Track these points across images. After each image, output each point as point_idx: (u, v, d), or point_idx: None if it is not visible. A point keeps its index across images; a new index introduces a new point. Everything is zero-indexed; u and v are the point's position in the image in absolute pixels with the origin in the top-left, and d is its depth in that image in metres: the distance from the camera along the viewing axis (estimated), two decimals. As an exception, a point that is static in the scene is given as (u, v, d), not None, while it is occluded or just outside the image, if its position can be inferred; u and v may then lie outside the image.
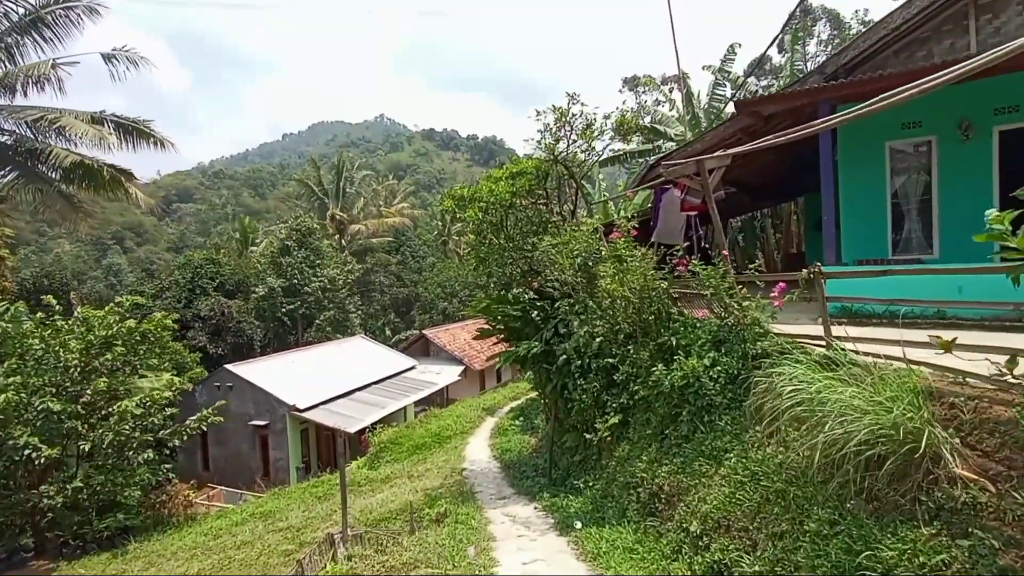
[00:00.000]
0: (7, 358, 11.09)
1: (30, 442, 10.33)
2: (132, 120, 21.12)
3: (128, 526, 11.70)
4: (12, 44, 18.99)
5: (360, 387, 24.91)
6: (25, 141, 19.14)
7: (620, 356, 8.80)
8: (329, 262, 34.69)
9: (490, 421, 18.27)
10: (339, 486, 13.55)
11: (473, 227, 10.02)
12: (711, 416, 6.29)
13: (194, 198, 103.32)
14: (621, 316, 7.60)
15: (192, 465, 23.14)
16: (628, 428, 8.40)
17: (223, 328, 29.76)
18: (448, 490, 11.49)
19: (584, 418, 9.48)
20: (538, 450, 13.69)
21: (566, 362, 9.75)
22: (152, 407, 12.11)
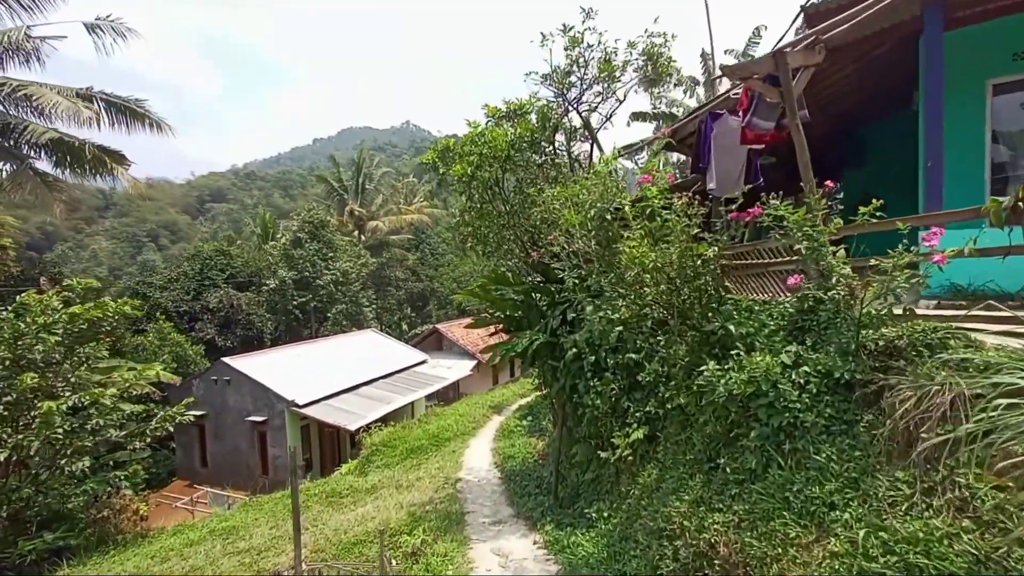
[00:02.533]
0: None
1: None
2: (123, 99, 19.15)
3: (62, 546, 9.62)
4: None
5: (366, 382, 22.81)
6: (1, 116, 17.28)
7: (647, 350, 6.40)
8: (342, 255, 32.72)
9: (496, 420, 15.97)
10: (317, 496, 11.44)
11: (459, 186, 7.69)
12: (797, 442, 3.86)
13: (227, 198, 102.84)
14: (651, 295, 5.19)
15: (190, 461, 21.29)
16: (657, 446, 6.01)
17: (232, 321, 27.95)
18: (435, 508, 9.20)
19: (598, 428, 7.10)
20: (544, 457, 11.32)
21: (576, 357, 7.38)
22: (96, 407, 10.00)
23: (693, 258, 4.81)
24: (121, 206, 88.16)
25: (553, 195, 6.21)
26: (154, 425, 11.34)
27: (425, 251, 48.51)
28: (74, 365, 10.39)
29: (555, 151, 8.20)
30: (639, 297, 5.29)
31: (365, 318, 33.42)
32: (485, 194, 7.80)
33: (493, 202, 7.93)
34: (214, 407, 20.47)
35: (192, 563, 9.04)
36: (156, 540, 10.27)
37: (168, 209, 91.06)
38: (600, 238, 5.38)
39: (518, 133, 7.25)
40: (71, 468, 9.64)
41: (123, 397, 17.31)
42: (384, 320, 38.18)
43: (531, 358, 8.35)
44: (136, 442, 11.26)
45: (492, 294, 8.66)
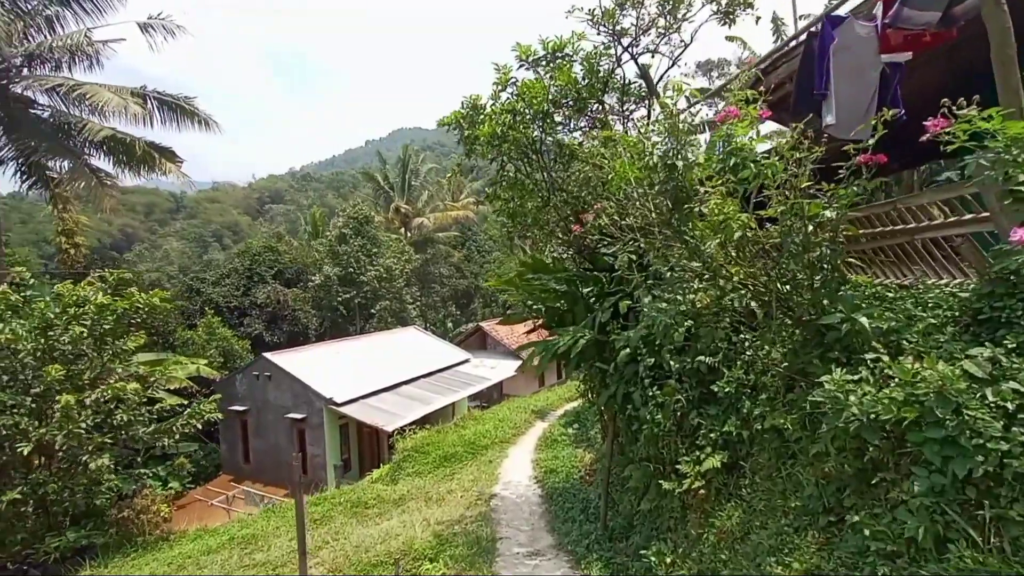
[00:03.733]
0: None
1: (-58, 444, 7.91)
2: (174, 97, 19.16)
3: (87, 545, 9.07)
4: (53, 16, 17.41)
5: (406, 380, 21.98)
6: (59, 115, 17.50)
7: (725, 352, 4.94)
8: (386, 251, 32.21)
9: (539, 427, 14.63)
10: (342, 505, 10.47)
11: (487, 149, 6.37)
12: (1002, 505, 2.35)
13: (284, 199, 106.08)
14: (737, 275, 3.75)
15: (234, 457, 21.08)
16: (739, 479, 4.55)
17: (279, 316, 27.87)
18: (465, 529, 7.99)
19: (658, 449, 5.66)
20: (592, 474, 9.91)
21: (630, 359, 5.98)
22: (121, 402, 9.39)
23: (803, 222, 3.34)
24: (190, 208, 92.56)
25: (601, 142, 4.80)
26: (182, 421, 10.70)
27: (471, 248, 47.69)
28: (102, 358, 9.85)
29: (605, 114, 6.81)
30: (719, 279, 3.84)
31: (409, 315, 32.80)
32: (519, 160, 6.49)
33: (529, 169, 6.62)
34: (256, 403, 20.16)
35: (208, 571, 8.23)
36: (176, 544, 9.59)
37: (231, 210, 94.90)
38: (666, 196, 3.93)
39: (559, 84, 5.90)
40: (94, 464, 9.05)
41: (169, 391, 17.25)
42: (428, 318, 37.52)
43: (575, 360, 6.99)
44: (165, 439, 10.65)
45: (530, 283, 7.34)
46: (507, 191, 6.82)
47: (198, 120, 19.91)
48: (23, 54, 16.95)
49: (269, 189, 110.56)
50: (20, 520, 8.80)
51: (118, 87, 17.83)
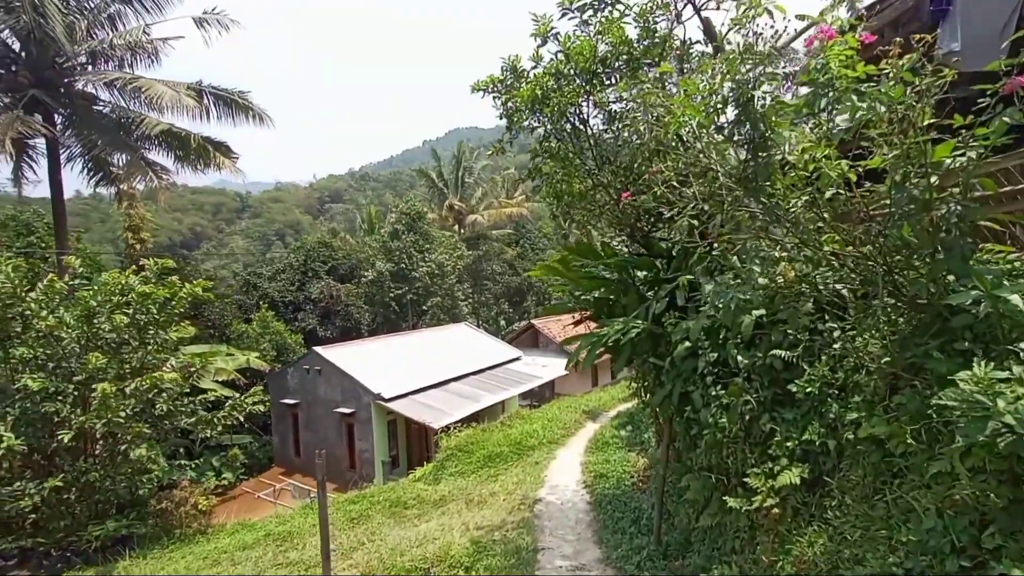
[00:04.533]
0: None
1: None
2: (228, 91, 19.76)
3: (127, 535, 9.24)
4: (115, 13, 18.34)
5: (455, 377, 21.78)
6: (119, 110, 18.40)
7: (806, 345, 4.16)
8: (438, 247, 32.28)
9: (589, 428, 13.92)
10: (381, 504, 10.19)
11: (526, 115, 5.75)
12: None
13: (343, 198, 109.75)
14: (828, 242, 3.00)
15: (285, 450, 21.57)
16: (824, 498, 3.77)
17: (332, 311, 28.44)
18: (505, 537, 7.46)
19: (722, 458, 4.92)
20: (645, 481, 9.16)
21: (689, 354, 5.26)
22: (162, 392, 9.51)
23: (923, 171, 2.57)
24: (254, 208, 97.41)
25: (655, 79, 4.06)
26: (223, 413, 10.79)
27: (525, 246, 47.25)
28: (145, 347, 10.04)
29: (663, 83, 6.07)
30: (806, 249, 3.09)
31: (461, 312, 32.73)
32: (562, 127, 5.86)
33: (574, 140, 5.98)
34: (306, 396, 20.51)
35: (239, 571, 8.13)
36: (213, 538, 9.62)
37: (293, 209, 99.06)
38: (739, 143, 3.18)
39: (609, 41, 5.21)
40: (134, 453, 9.21)
41: (219, 383, 17.78)
42: (481, 315, 37.37)
43: (626, 353, 6.31)
44: (208, 430, 10.78)
45: (574, 270, 6.72)
46: (549, 164, 6.19)
47: (253, 115, 20.45)
48: (87, 51, 17.93)
49: (329, 189, 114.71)
50: (64, 507, 9.05)
51: (174, 82, 18.57)
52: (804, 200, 2.84)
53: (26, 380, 8.51)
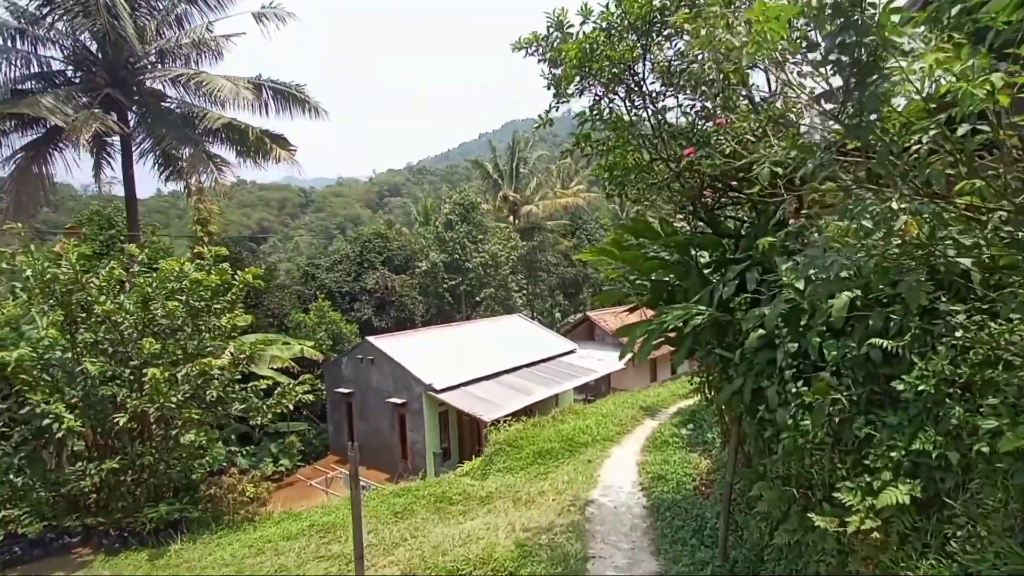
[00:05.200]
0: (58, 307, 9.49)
1: (50, 410, 8.49)
2: (286, 85, 20.22)
3: (180, 518, 9.47)
4: (182, 13, 19.10)
5: (508, 369, 21.45)
6: (184, 106, 19.18)
7: (914, 333, 3.41)
8: (492, 238, 32.04)
9: (647, 426, 13.14)
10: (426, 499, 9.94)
11: (573, 72, 5.11)
12: None
13: (401, 192, 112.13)
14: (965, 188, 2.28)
15: (340, 438, 21.96)
16: (944, 524, 3.03)
17: (387, 302, 28.80)
18: (552, 541, 6.97)
19: (804, 467, 4.21)
20: (709, 484, 8.40)
21: (763, 344, 4.56)
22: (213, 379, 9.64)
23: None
24: (317, 203, 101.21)
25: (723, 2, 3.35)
26: (272, 401, 10.90)
27: (581, 236, 46.32)
28: (200, 333, 10.24)
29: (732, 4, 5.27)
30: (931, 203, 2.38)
31: (515, 303, 32.40)
32: (614, 88, 5.23)
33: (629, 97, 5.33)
34: (360, 386, 20.78)
35: (282, 562, 8.06)
36: (260, 526, 9.68)
37: (354, 204, 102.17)
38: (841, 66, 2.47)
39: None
40: (185, 438, 9.40)
41: (275, 370, 18.25)
42: (535, 306, 36.90)
43: (688, 343, 5.64)
44: (258, 416, 10.91)
45: (629, 251, 6.08)
46: (600, 130, 5.57)
47: (308, 107, 20.85)
48: (156, 50, 18.77)
49: (388, 183, 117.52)
50: (122, 488, 9.35)
51: (235, 77, 19.15)
52: (932, 134, 2.15)
53: (86, 363, 8.83)
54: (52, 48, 18.59)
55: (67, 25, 18.13)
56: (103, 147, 20.29)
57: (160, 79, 18.95)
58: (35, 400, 8.74)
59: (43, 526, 9.74)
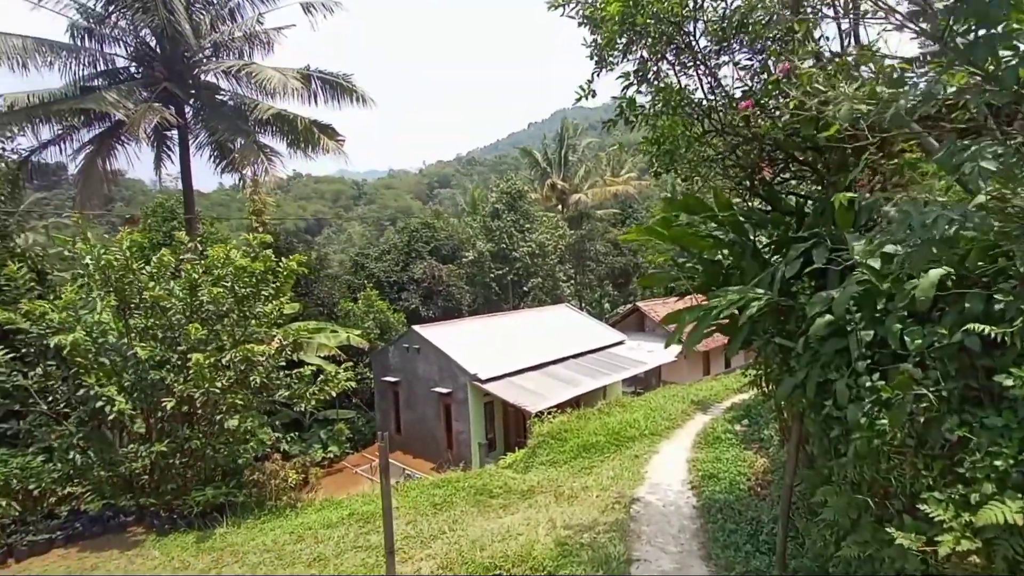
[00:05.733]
0: (113, 293, 9.88)
1: (103, 393, 8.83)
2: (334, 75, 20.51)
3: (226, 502, 9.72)
4: (235, 7, 19.62)
5: (554, 360, 21.11)
6: (236, 98, 19.73)
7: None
8: (539, 227, 31.64)
9: (699, 421, 12.51)
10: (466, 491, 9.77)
11: (615, 30, 4.67)
12: None
13: (451, 183, 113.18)
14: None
15: (387, 427, 22.24)
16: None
17: (434, 292, 28.97)
18: (594, 541, 6.62)
19: (881, 473, 3.67)
20: (765, 484, 7.81)
21: (832, 332, 4.02)
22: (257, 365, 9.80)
23: None
24: (369, 195, 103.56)
25: None
26: (315, 388, 11.02)
27: (632, 225, 45.20)
28: (246, 319, 10.45)
29: None
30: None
31: (563, 294, 31.92)
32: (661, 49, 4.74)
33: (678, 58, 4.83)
34: (406, 375, 20.95)
35: (320, 550, 8.09)
36: (302, 513, 9.80)
37: (404, 195, 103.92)
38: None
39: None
40: (229, 423, 9.62)
41: (323, 358, 18.64)
42: (583, 297, 36.29)
43: (743, 333, 5.13)
44: (302, 403, 11.08)
45: (678, 230, 5.60)
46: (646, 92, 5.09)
47: (356, 96, 21.06)
48: (211, 44, 19.40)
49: (438, 174, 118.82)
50: (172, 471, 9.67)
51: (284, 68, 19.54)
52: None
53: (137, 348, 9.15)
54: (116, 45, 19.48)
55: (129, 22, 18.92)
56: (163, 141, 21.23)
57: (214, 72, 19.54)
58: (89, 382, 9.14)
59: (102, 504, 10.26)
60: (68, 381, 10.31)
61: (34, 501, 10.12)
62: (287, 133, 20.07)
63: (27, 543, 9.40)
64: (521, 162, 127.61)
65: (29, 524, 9.79)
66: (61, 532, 9.74)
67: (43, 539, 9.57)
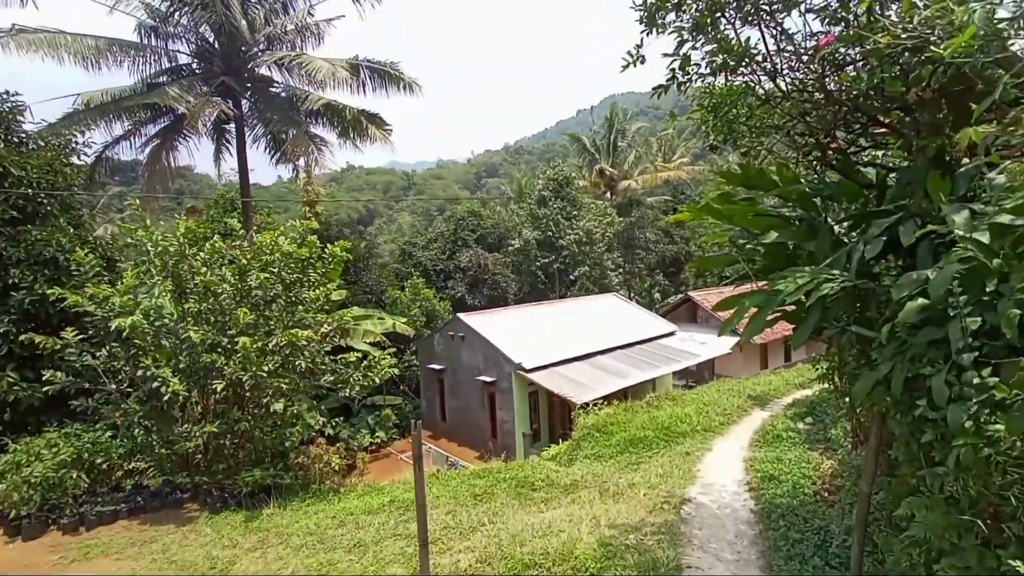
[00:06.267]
0: (170, 279, 10.10)
1: (158, 374, 9.04)
2: (381, 63, 20.50)
3: (273, 484, 9.84)
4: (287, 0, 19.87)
5: (601, 351, 20.53)
6: (288, 89, 20.03)
7: None
8: (586, 214, 30.89)
9: (756, 417, 11.70)
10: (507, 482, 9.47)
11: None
12: None
13: (499, 173, 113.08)
14: None
15: (433, 414, 22.34)
16: None
17: (480, 280, 28.83)
18: (640, 543, 6.17)
19: (992, 489, 3.06)
20: (833, 490, 7.09)
21: (925, 320, 3.40)
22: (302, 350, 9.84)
23: None
24: (419, 185, 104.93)
25: None
26: (357, 374, 10.99)
27: (684, 209, 43.57)
28: (289, 305, 10.52)
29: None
30: None
31: (611, 283, 31.11)
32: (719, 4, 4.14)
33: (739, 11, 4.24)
34: (451, 362, 20.89)
35: (360, 536, 8.00)
36: (344, 498, 9.78)
37: (453, 185, 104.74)
38: None
39: None
40: (275, 406, 9.70)
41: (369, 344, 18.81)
42: (633, 286, 35.30)
43: (814, 319, 4.52)
44: (347, 389, 11.09)
45: (737, 207, 5.01)
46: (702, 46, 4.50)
47: (404, 84, 21.00)
48: (265, 37, 19.76)
49: (485, 164, 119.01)
50: (223, 452, 9.85)
51: (333, 58, 19.68)
52: None
53: (190, 331, 9.35)
54: (179, 42, 20.13)
55: (190, 19, 19.49)
56: (222, 134, 21.88)
57: (267, 64, 19.90)
58: (147, 364, 9.41)
59: (162, 480, 10.65)
60: (130, 362, 10.72)
61: (102, 474, 10.60)
62: (336, 123, 20.26)
63: (95, 513, 9.82)
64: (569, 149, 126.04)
65: (98, 496, 10.25)
66: (125, 505, 10.14)
67: (109, 510, 9.98)
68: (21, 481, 9.49)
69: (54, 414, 11.69)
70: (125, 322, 9.52)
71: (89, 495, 10.21)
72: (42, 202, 12.75)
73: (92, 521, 9.81)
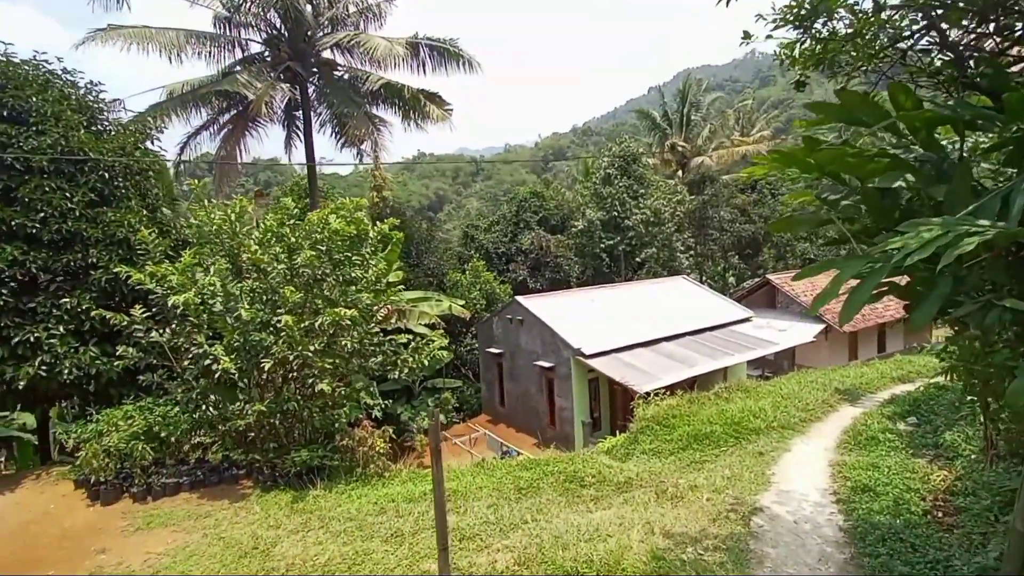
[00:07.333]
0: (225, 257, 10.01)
1: (211, 352, 8.93)
2: (440, 41, 19.92)
3: (321, 465, 9.61)
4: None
5: (668, 337, 19.12)
6: (350, 71, 19.91)
7: None
8: (654, 192, 29.03)
9: (845, 414, 10.08)
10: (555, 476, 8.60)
11: None
12: None
13: (566, 156, 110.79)
14: None
15: (492, 398, 21.82)
16: None
17: (542, 263, 27.91)
18: (699, 559, 5.16)
19: None
20: (950, 509, 5.70)
21: None
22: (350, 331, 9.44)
23: None
24: (486, 171, 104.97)
25: None
26: (406, 355, 10.53)
27: (763, 190, 40.29)
28: (339, 284, 10.18)
29: None
30: None
31: (680, 265, 29.20)
32: None
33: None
34: (509, 347, 20.23)
35: (399, 525, 7.49)
36: (388, 483, 9.35)
37: (520, 170, 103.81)
38: None
39: None
40: (320, 387, 9.40)
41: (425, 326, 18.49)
42: (704, 269, 33.09)
43: (939, 292, 3.29)
44: (396, 371, 10.68)
45: (827, 152, 3.80)
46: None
47: (463, 62, 20.35)
48: (329, 20, 19.72)
49: (553, 147, 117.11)
50: (275, 431, 9.70)
51: (391, 37, 19.31)
52: None
53: (241, 310, 9.21)
54: (249, 31, 20.50)
55: (259, 6, 19.75)
56: (292, 121, 22.24)
57: (329, 47, 19.86)
58: (199, 340, 9.37)
59: (222, 456, 10.78)
60: (188, 338, 10.89)
61: (170, 447, 10.87)
62: (397, 103, 19.97)
63: (160, 484, 10.04)
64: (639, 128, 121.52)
65: (164, 467, 10.49)
66: (187, 478, 10.31)
67: (173, 482, 10.16)
68: (100, 449, 9.83)
69: (132, 388, 12.13)
70: (179, 299, 9.54)
71: (157, 466, 10.46)
72: (118, 185, 13.17)
73: (158, 492, 10.03)
